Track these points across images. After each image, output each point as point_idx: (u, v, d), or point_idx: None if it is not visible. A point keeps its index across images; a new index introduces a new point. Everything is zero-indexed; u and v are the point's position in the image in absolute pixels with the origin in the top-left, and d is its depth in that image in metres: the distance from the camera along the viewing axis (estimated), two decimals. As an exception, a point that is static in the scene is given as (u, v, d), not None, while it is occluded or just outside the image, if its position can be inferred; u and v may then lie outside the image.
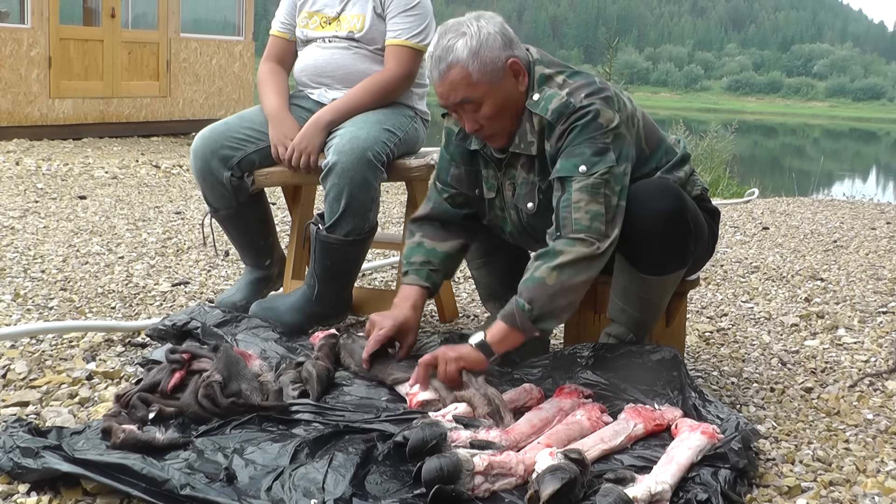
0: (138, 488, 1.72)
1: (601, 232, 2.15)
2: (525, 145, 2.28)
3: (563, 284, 2.13)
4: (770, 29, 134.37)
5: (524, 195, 2.34)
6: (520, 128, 2.28)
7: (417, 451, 1.83)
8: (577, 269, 2.13)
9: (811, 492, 1.94)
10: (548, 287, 2.12)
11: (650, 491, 1.72)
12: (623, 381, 2.28)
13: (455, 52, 2.17)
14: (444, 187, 2.49)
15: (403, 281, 2.45)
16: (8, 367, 2.45)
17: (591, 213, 2.15)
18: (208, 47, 11.22)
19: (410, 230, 2.53)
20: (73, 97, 9.78)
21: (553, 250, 2.15)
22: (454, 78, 2.19)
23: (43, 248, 4.11)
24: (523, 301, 2.13)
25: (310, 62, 2.97)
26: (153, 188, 6.42)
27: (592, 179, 2.16)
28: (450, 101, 2.24)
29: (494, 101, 2.21)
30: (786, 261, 4.59)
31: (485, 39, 2.19)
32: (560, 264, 2.12)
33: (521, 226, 2.40)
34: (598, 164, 2.16)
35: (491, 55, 2.19)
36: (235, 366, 2.17)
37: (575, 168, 2.17)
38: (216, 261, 4.01)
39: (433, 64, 2.21)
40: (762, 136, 34.34)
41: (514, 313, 2.15)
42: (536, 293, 2.13)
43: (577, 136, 2.18)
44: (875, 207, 7.22)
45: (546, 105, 2.22)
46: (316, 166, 2.76)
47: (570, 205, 2.16)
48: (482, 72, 2.18)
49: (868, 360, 2.91)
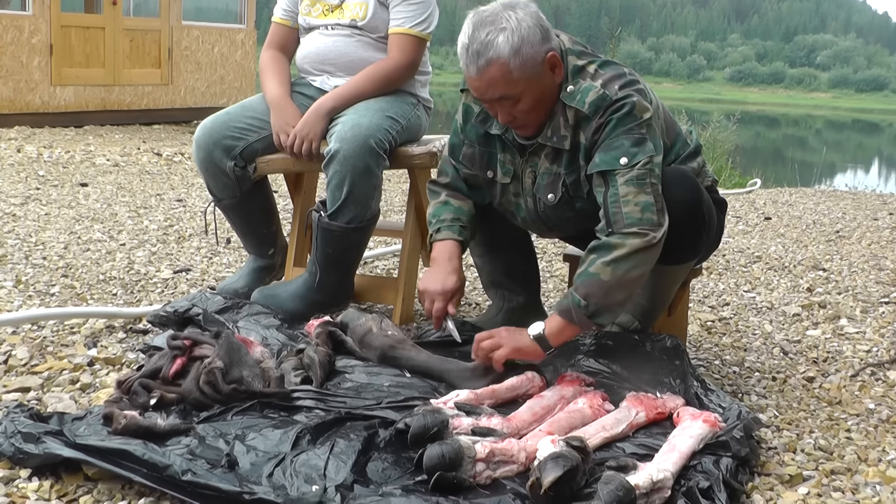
0: (140, 474, 1.72)
1: (653, 222, 2.12)
2: (557, 138, 2.23)
3: (620, 279, 2.11)
4: (773, 19, 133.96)
5: (546, 185, 2.31)
6: (552, 120, 2.23)
7: (419, 438, 1.82)
8: (633, 262, 2.11)
9: (812, 480, 1.94)
10: (603, 282, 2.10)
11: (652, 478, 1.72)
12: (625, 369, 2.28)
13: (496, 48, 2.10)
14: (458, 164, 2.46)
15: (436, 238, 2.41)
16: (9, 353, 2.45)
17: (640, 205, 2.12)
18: (210, 35, 11.19)
19: (434, 191, 2.50)
20: (74, 85, 9.77)
21: (607, 244, 2.12)
22: (493, 75, 2.12)
23: (44, 234, 4.11)
24: (579, 297, 2.11)
25: (312, 49, 2.96)
26: (154, 176, 6.41)
27: (637, 171, 2.13)
28: (486, 97, 2.18)
29: (532, 96, 2.17)
30: (788, 251, 4.58)
31: (526, 35, 2.11)
32: (615, 258, 2.09)
33: (537, 214, 2.37)
34: (638, 155, 2.14)
35: (531, 51, 2.12)
36: (237, 352, 2.17)
37: (616, 161, 2.14)
38: (218, 248, 4.01)
39: (470, 58, 2.13)
40: (765, 126, 34.27)
41: (570, 308, 2.13)
42: (592, 289, 2.11)
43: (613, 128, 2.15)
44: (877, 198, 7.21)
45: (583, 98, 2.18)
46: (318, 153, 2.75)
47: (618, 199, 2.13)
48: (523, 69, 2.12)
49: (870, 350, 2.91)
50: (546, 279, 3.69)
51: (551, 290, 3.54)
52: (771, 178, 9.65)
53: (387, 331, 2.39)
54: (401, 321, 2.84)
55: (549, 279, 3.71)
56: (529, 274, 2.72)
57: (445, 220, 2.42)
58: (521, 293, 2.69)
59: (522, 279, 2.70)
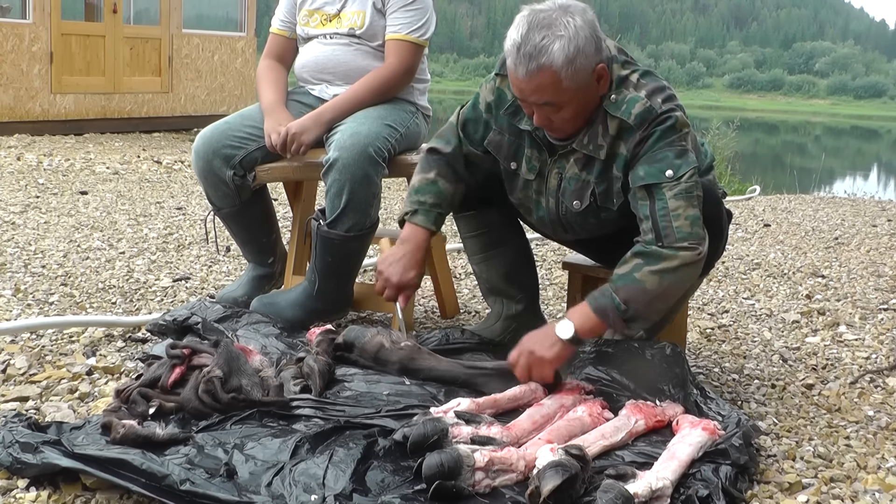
0: (138, 483, 1.72)
1: (701, 236, 2.13)
2: (594, 147, 2.21)
3: (665, 290, 2.11)
4: (772, 26, 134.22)
5: (572, 191, 2.28)
6: (591, 127, 2.20)
7: (418, 446, 1.82)
8: (681, 275, 2.11)
9: (812, 488, 1.93)
10: (648, 291, 2.09)
11: (651, 487, 1.72)
12: (625, 377, 2.27)
13: (550, 55, 2.05)
14: (470, 145, 2.42)
15: (411, 220, 2.40)
16: (8, 362, 2.45)
17: (690, 219, 2.11)
18: (210, 43, 11.21)
19: (427, 162, 2.45)
20: (74, 92, 9.78)
21: (657, 253, 2.10)
22: (543, 81, 2.08)
23: (44, 243, 4.11)
24: (619, 300, 2.09)
25: (311, 58, 2.96)
26: (154, 184, 6.41)
27: (684, 183, 2.12)
28: (530, 100, 2.13)
29: (576, 105, 2.14)
30: (787, 257, 4.58)
31: (582, 45, 2.06)
32: (664, 269, 2.09)
33: (557, 216, 2.35)
34: (683, 167, 2.13)
35: (584, 63, 2.08)
36: (236, 361, 2.17)
37: (661, 173, 2.12)
38: (217, 256, 4.01)
39: (520, 59, 2.07)
40: (764, 133, 34.27)
41: (607, 309, 2.10)
42: (634, 295, 2.09)
43: (656, 140, 2.13)
44: (876, 205, 7.21)
45: (629, 109, 2.15)
46: (305, 153, 2.75)
47: (667, 213, 2.10)
48: (573, 79, 2.08)
49: (869, 357, 2.91)
50: (545, 287, 3.69)
51: (551, 298, 3.55)
52: (770, 185, 9.66)
53: (399, 343, 2.36)
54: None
55: (548, 287, 3.71)
56: (528, 279, 2.72)
57: (426, 203, 2.40)
58: (521, 300, 2.69)
59: (521, 285, 2.69)
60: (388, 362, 2.32)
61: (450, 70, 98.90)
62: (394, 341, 2.35)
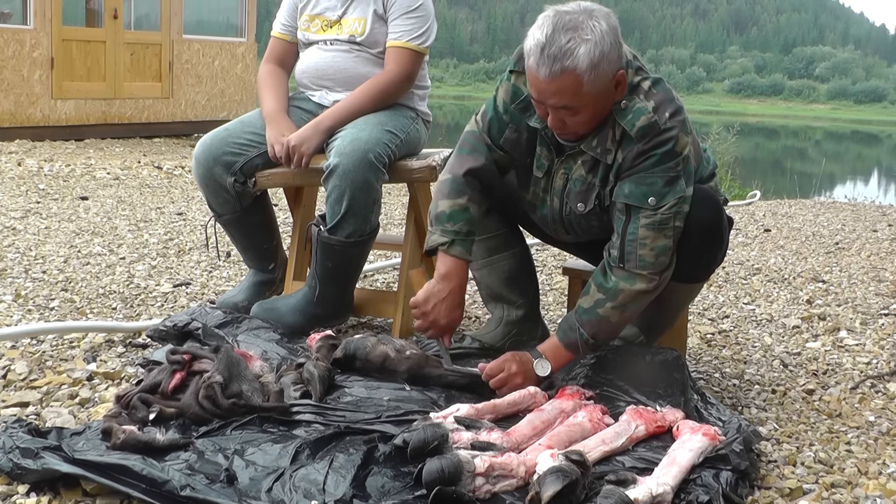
0: (138, 489, 1.72)
1: (664, 266, 2.20)
2: (602, 150, 2.20)
3: (626, 319, 2.27)
4: (772, 31, 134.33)
5: (577, 193, 2.28)
6: (601, 131, 2.19)
7: (419, 452, 1.82)
8: (638, 303, 2.24)
9: (813, 494, 1.93)
10: (612, 323, 2.24)
11: (651, 492, 1.72)
12: (625, 382, 2.28)
13: (575, 58, 2.03)
14: (494, 146, 2.38)
15: (450, 252, 2.30)
16: (8, 368, 2.45)
17: (656, 250, 2.17)
18: (211, 49, 11.22)
19: (459, 185, 2.34)
20: (75, 98, 9.79)
21: (615, 289, 2.20)
22: (564, 84, 2.05)
23: (44, 248, 4.11)
24: (587, 335, 2.24)
25: (311, 64, 2.97)
26: (155, 189, 6.42)
27: (660, 215, 2.15)
28: (548, 102, 2.11)
29: (593, 110, 2.13)
30: (787, 263, 4.58)
31: (606, 51, 2.05)
32: (623, 304, 2.21)
33: (560, 216, 2.36)
34: (667, 196, 2.14)
35: (607, 68, 2.07)
36: (236, 367, 2.17)
37: (644, 198, 2.14)
38: (218, 262, 4.01)
39: (543, 60, 2.04)
40: (764, 138, 34.31)
41: (577, 343, 2.26)
42: (600, 328, 2.24)
43: (653, 164, 2.13)
44: (877, 210, 7.21)
45: (633, 120, 2.13)
46: (307, 165, 2.76)
47: (636, 239, 2.16)
48: (594, 84, 2.06)
49: (870, 362, 2.91)
50: (546, 292, 3.69)
51: (551, 303, 3.54)
52: (770, 190, 9.67)
53: (405, 351, 2.34)
54: (400, 334, 2.84)
55: (548, 292, 3.71)
56: (529, 285, 2.72)
57: (461, 233, 2.31)
58: (521, 306, 2.69)
59: (522, 290, 2.69)
60: (395, 372, 2.31)
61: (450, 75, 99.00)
62: (398, 349, 2.35)
